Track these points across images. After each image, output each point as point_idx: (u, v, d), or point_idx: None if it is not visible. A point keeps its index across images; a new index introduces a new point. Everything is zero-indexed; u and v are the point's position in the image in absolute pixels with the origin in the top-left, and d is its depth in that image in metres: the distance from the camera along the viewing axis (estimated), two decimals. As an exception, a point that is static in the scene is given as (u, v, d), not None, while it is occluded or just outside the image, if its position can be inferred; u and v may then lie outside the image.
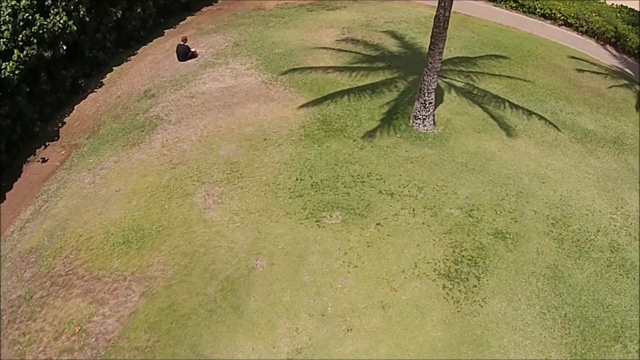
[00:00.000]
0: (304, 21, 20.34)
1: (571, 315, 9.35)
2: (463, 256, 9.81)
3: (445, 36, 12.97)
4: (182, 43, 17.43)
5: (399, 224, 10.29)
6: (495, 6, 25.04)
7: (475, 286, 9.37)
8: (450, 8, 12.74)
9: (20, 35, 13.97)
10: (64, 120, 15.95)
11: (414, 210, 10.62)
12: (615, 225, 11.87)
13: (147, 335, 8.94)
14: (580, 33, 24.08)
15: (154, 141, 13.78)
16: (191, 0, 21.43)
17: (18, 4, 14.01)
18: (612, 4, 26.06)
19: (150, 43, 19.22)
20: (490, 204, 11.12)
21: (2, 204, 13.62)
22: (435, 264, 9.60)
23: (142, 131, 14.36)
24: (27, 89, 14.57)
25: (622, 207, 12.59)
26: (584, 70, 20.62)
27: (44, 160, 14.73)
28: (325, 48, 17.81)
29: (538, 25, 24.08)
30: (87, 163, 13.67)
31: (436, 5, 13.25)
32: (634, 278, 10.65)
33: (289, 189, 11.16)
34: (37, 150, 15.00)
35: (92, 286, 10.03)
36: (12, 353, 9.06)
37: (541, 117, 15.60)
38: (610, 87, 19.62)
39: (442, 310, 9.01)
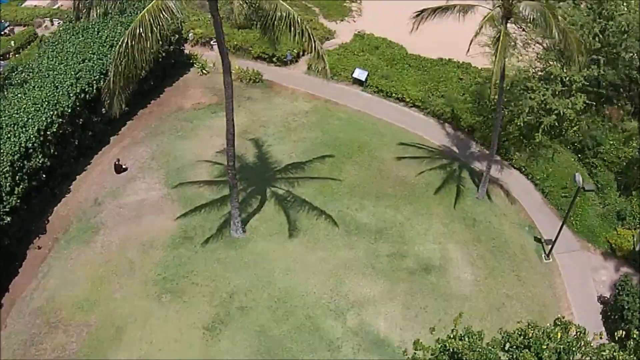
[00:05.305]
0: (203, 129, 42.43)
1: (263, 349, 31.89)
2: (218, 320, 32.34)
3: (238, 200, 35.09)
4: (116, 162, 40.51)
5: (195, 300, 32.32)
6: (363, 91, 46.22)
7: (218, 333, 32.16)
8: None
9: (17, 176, 36.95)
10: (49, 219, 39.30)
11: (204, 293, 33.09)
12: (321, 302, 32.44)
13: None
14: (425, 114, 45.07)
15: (98, 241, 36.52)
16: (129, 109, 44.21)
17: (13, 158, 37.06)
18: (481, 67, 46.13)
19: (101, 152, 42.39)
20: (245, 290, 33.04)
21: (17, 277, 37.16)
22: (202, 321, 32.16)
23: (93, 232, 37.19)
24: (25, 206, 37.98)
25: (336, 289, 33.06)
26: (403, 158, 41.74)
27: (39, 248, 38.11)
28: (206, 162, 40.15)
29: (392, 109, 45.14)
30: (63, 254, 36.54)
31: (316, 94, 36.29)
32: (315, 333, 31.27)
33: (153, 280, 33.61)
34: (35, 240, 38.25)
35: (66, 326, 33.64)
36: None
37: (327, 216, 37.48)
38: (419, 174, 40.79)
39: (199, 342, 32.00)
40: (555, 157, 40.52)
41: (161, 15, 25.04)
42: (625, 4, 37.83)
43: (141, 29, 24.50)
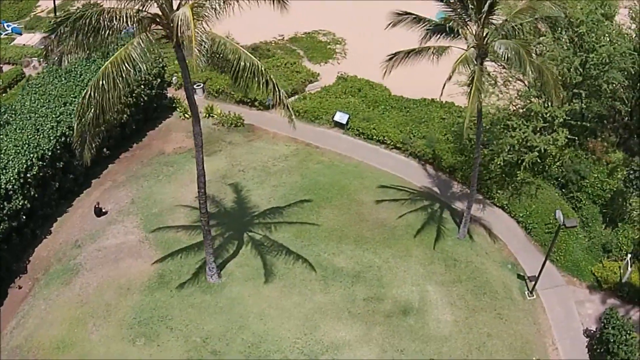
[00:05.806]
0: (183, 173, 44.32)
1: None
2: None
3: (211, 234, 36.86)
4: (96, 205, 42.36)
5: (169, 345, 33.78)
6: (344, 134, 48.19)
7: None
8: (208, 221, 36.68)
9: (-3, 217, 38.76)
10: (30, 259, 41.16)
11: (178, 338, 34.65)
12: (294, 347, 33.90)
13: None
14: (406, 155, 46.94)
15: (76, 283, 38.43)
16: (111, 152, 46.18)
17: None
18: (463, 107, 47.77)
19: (82, 195, 44.27)
20: (219, 334, 34.36)
21: (-2, 316, 38.95)
22: (177, 363, 33.95)
23: (71, 273, 39.04)
24: (6, 246, 39.78)
25: (310, 334, 34.29)
26: (383, 201, 43.43)
27: (20, 287, 40.07)
28: (185, 206, 42.02)
29: (373, 151, 47.00)
30: (43, 294, 38.53)
31: (298, 138, 38.19)
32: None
33: (128, 323, 35.21)
34: (16, 280, 40.32)
35: (43, 367, 35.21)
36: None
37: (304, 261, 39.07)
38: (399, 217, 42.48)
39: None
40: (538, 193, 41.40)
41: (124, 67, 25.78)
42: (606, 34, 39.03)
43: (104, 81, 25.35)
